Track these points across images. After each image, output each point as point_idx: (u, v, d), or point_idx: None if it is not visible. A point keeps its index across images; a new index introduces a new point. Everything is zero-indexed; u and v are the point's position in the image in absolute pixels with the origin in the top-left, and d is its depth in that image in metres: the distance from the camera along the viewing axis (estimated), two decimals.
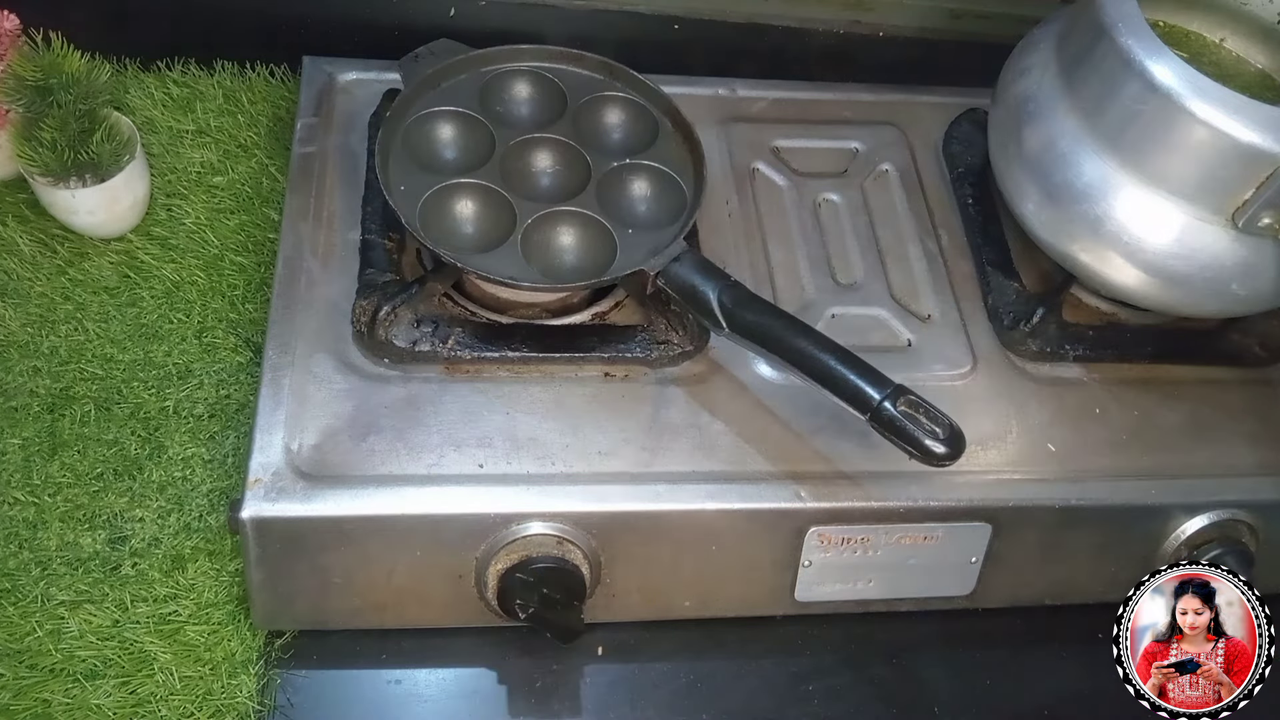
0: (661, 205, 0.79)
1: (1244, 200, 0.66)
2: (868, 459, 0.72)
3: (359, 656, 0.76)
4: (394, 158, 0.76)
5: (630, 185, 0.80)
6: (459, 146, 0.79)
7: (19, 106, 0.82)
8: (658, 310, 0.75)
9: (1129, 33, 0.67)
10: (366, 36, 0.96)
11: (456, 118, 0.80)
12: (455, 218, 0.76)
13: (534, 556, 0.67)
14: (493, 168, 0.77)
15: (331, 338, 0.73)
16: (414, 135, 0.78)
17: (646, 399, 0.73)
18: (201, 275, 0.88)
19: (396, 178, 0.75)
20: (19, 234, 0.88)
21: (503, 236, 0.74)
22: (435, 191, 0.75)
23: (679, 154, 0.80)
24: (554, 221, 0.76)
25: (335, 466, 0.67)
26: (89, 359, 0.83)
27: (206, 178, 0.93)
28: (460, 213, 0.76)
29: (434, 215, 0.75)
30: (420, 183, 0.75)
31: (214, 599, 0.74)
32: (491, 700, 0.76)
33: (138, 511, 0.77)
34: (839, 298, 0.81)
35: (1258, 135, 0.64)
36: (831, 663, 0.80)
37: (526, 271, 0.72)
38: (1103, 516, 0.74)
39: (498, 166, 0.77)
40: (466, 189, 0.76)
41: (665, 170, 0.79)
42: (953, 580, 0.75)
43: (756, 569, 0.73)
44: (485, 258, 0.73)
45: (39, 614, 0.72)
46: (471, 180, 0.76)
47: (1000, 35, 0.87)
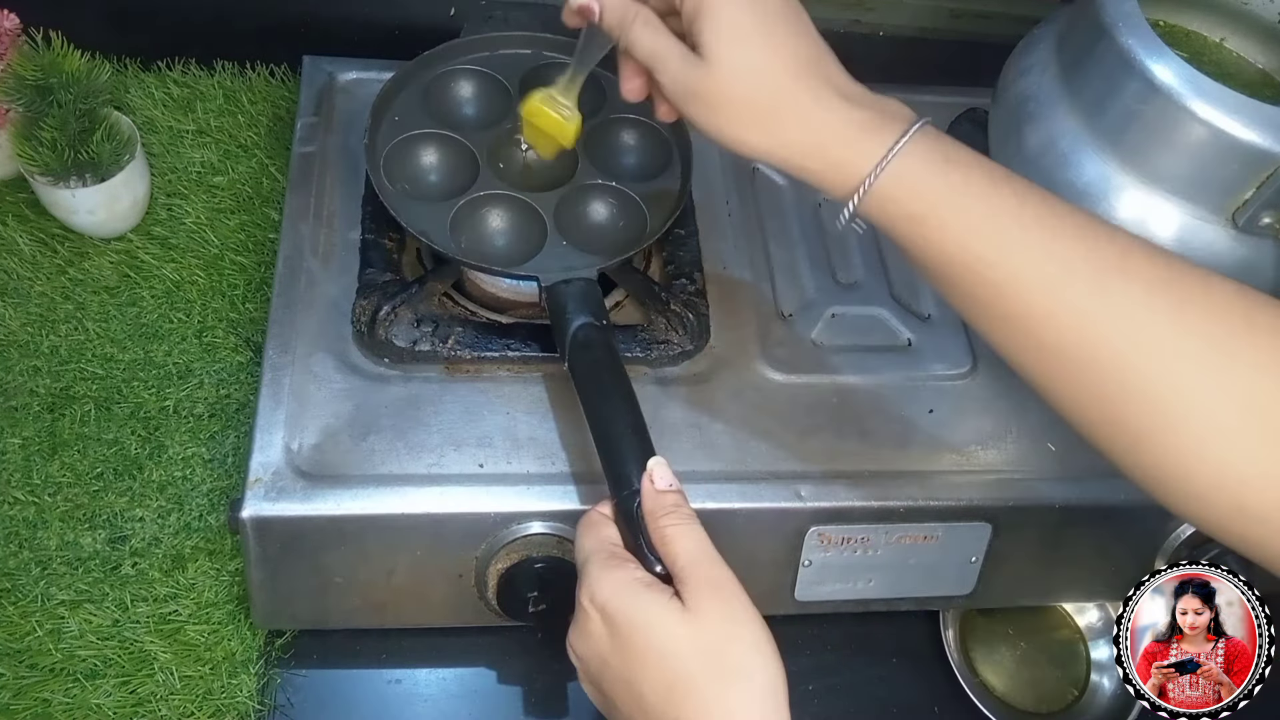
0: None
1: (1244, 200, 0.66)
2: (868, 459, 0.73)
3: (359, 656, 0.76)
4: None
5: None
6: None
7: (19, 106, 0.82)
8: (658, 310, 0.75)
9: (1129, 32, 0.67)
10: (366, 36, 0.96)
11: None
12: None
13: (534, 556, 0.67)
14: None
15: (332, 337, 0.73)
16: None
17: (646, 399, 0.73)
18: (202, 275, 0.88)
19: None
20: (19, 234, 0.88)
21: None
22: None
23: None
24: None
25: (335, 466, 0.67)
26: (89, 358, 0.83)
27: (207, 177, 0.93)
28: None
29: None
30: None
31: (214, 598, 0.74)
32: (491, 700, 0.76)
33: (138, 511, 0.77)
34: (839, 297, 0.81)
35: (1258, 135, 0.64)
36: (831, 663, 0.80)
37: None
38: (1103, 516, 0.74)
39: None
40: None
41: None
42: (953, 580, 0.75)
43: (756, 569, 0.72)
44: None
45: (39, 614, 0.72)
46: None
47: (1000, 35, 0.87)
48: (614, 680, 0.51)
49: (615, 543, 0.55)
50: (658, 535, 0.53)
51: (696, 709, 0.48)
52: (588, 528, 0.57)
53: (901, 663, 0.81)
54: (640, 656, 0.50)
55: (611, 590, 0.52)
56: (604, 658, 0.52)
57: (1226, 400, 0.47)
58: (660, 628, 0.50)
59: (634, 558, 0.54)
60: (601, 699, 0.53)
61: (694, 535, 0.53)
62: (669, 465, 0.56)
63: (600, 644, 0.52)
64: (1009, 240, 0.50)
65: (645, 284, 0.77)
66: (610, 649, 0.51)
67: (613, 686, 0.51)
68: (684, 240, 0.80)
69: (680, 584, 0.51)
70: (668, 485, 0.55)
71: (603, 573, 0.53)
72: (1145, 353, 0.48)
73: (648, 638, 0.50)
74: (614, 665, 0.51)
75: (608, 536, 0.56)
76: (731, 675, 0.49)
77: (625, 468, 0.57)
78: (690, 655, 0.49)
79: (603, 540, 0.55)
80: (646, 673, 0.50)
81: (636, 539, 0.55)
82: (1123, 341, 0.48)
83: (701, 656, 0.49)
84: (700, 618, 0.50)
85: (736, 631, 0.50)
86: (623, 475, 0.57)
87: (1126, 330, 0.48)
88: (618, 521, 0.57)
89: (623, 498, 0.57)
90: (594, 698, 0.54)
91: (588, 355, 0.65)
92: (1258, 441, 0.47)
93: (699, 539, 0.53)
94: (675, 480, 0.56)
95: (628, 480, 0.57)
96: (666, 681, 0.49)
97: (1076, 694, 0.81)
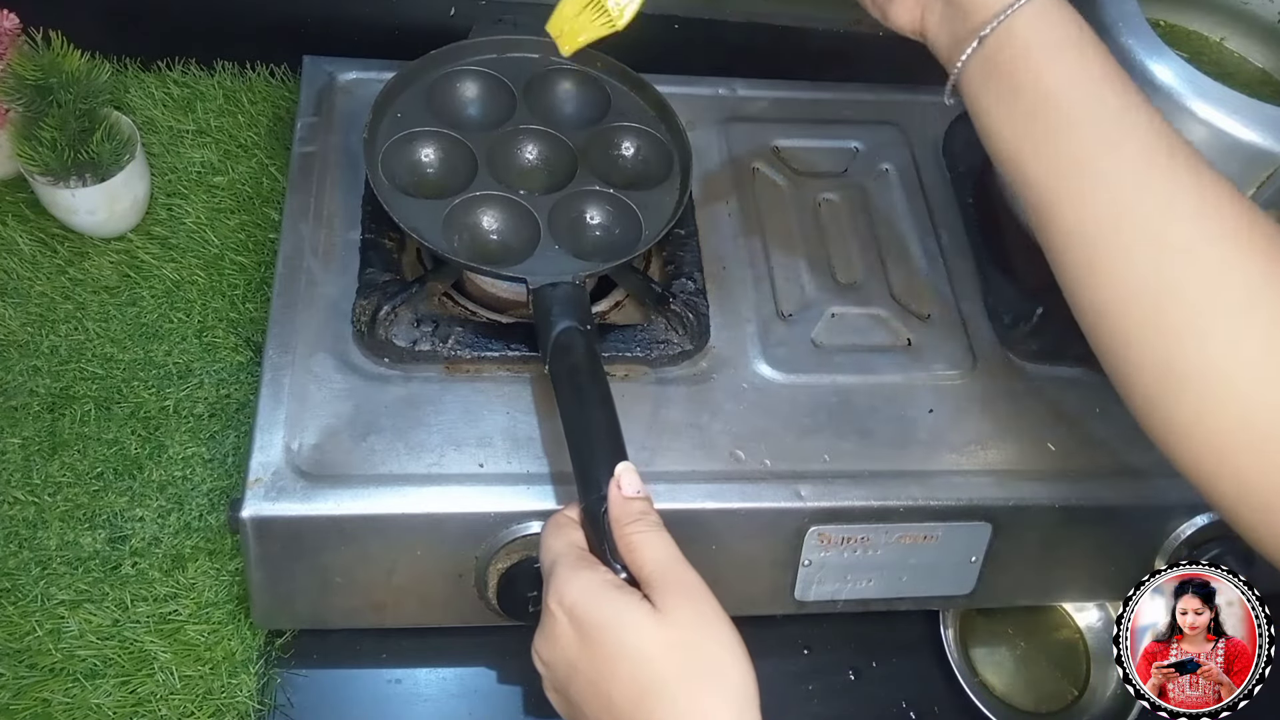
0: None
1: None
2: (868, 459, 0.73)
3: (359, 656, 0.76)
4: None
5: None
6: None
7: (19, 106, 0.82)
8: (658, 310, 0.75)
9: (1129, 32, 0.67)
10: (366, 36, 0.96)
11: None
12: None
13: (534, 556, 0.67)
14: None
15: (332, 337, 0.73)
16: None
17: (646, 399, 0.73)
18: (202, 275, 0.88)
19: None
20: (19, 233, 0.88)
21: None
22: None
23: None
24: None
25: (335, 466, 0.67)
26: (89, 358, 0.83)
27: (207, 177, 0.94)
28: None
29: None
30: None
31: (214, 598, 0.74)
32: (491, 700, 0.76)
33: (138, 511, 0.77)
34: (839, 297, 0.81)
35: (1258, 135, 0.64)
36: (831, 663, 0.80)
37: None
38: (1103, 516, 0.74)
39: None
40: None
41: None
42: (953, 580, 0.75)
43: (756, 568, 0.72)
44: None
45: (39, 614, 0.72)
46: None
47: None
48: (582, 685, 0.50)
49: (582, 546, 0.55)
50: (624, 542, 0.53)
51: (669, 711, 0.48)
52: (555, 530, 0.56)
53: (901, 663, 0.81)
54: (610, 659, 0.49)
55: (580, 592, 0.51)
56: (571, 662, 0.51)
57: (1253, 330, 0.47)
58: (631, 629, 0.49)
59: (601, 562, 0.54)
60: (567, 707, 0.52)
61: (660, 541, 0.53)
62: (637, 472, 0.56)
63: (568, 648, 0.51)
64: (1129, 98, 0.50)
65: (645, 284, 0.77)
66: (579, 652, 0.50)
67: (581, 692, 0.50)
68: (684, 240, 0.80)
69: (649, 588, 0.51)
70: (635, 492, 0.55)
71: (572, 574, 0.52)
72: (1185, 264, 0.48)
73: (619, 639, 0.49)
74: (582, 669, 0.50)
75: (575, 540, 0.55)
76: (704, 676, 0.48)
77: (594, 472, 0.57)
78: (662, 657, 0.49)
79: (570, 543, 0.55)
80: (617, 675, 0.49)
81: (602, 544, 0.54)
82: (1171, 231, 0.48)
83: (674, 658, 0.49)
84: (671, 619, 0.49)
85: (708, 633, 0.49)
86: (591, 480, 0.57)
87: (1174, 237, 0.48)
88: (584, 525, 0.57)
89: (590, 502, 0.56)
90: (559, 707, 0.53)
91: (567, 359, 0.65)
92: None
93: (666, 545, 0.52)
94: (643, 487, 0.56)
95: (596, 485, 0.56)
96: (638, 684, 0.48)
97: (1076, 694, 0.81)
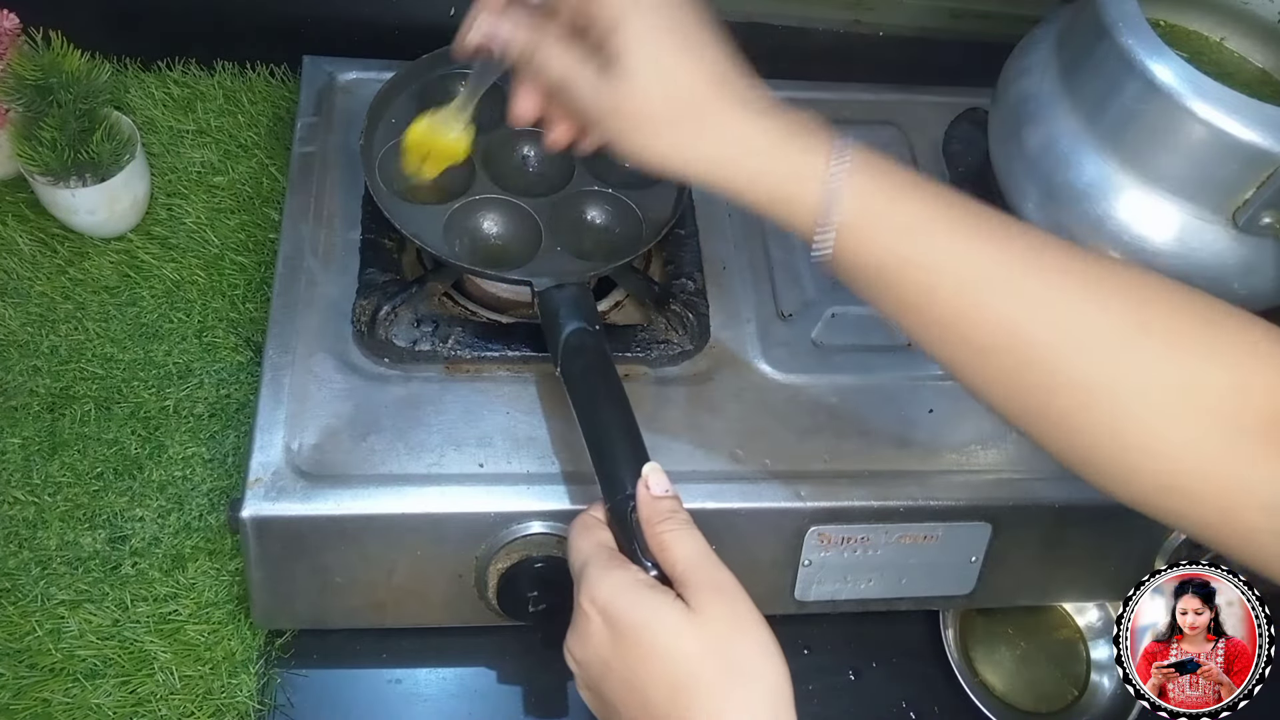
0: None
1: (1244, 200, 0.66)
2: (868, 459, 0.73)
3: (359, 656, 0.76)
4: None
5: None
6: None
7: (19, 106, 0.82)
8: (658, 310, 0.75)
9: (1129, 32, 0.67)
10: (366, 36, 0.96)
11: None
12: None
13: (534, 556, 0.67)
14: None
15: (332, 337, 0.73)
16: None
17: (646, 399, 0.73)
18: (202, 275, 0.88)
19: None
20: (19, 233, 0.88)
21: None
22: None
23: None
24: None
25: (335, 466, 0.67)
26: (89, 358, 0.83)
27: (207, 177, 0.94)
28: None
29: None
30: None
31: (214, 598, 0.74)
32: (491, 700, 0.76)
33: (138, 511, 0.77)
34: (839, 297, 0.81)
35: (1258, 135, 0.64)
36: (831, 663, 0.80)
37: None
38: (1103, 516, 0.74)
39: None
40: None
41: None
42: (953, 580, 0.75)
43: (756, 568, 0.72)
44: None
45: (39, 614, 0.72)
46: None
47: (1000, 35, 0.87)
48: (616, 683, 0.51)
49: (611, 545, 0.55)
50: (655, 541, 0.53)
51: (704, 710, 0.48)
52: (582, 530, 0.56)
53: (901, 663, 0.81)
54: (645, 658, 0.49)
55: (614, 591, 0.51)
56: (605, 660, 0.51)
57: (1147, 377, 0.49)
58: (665, 628, 0.49)
59: (631, 561, 0.54)
60: (601, 705, 0.53)
61: (692, 539, 0.53)
62: (664, 471, 0.56)
63: (601, 646, 0.51)
64: (936, 244, 0.51)
65: (645, 284, 0.77)
66: (612, 651, 0.51)
67: (614, 690, 0.51)
68: (684, 240, 0.80)
69: (682, 587, 0.51)
70: (664, 491, 0.55)
71: (604, 574, 0.52)
72: (1069, 341, 0.50)
73: (653, 638, 0.49)
74: (616, 668, 0.50)
75: (604, 539, 0.55)
76: (739, 676, 0.48)
77: (619, 472, 0.57)
78: (697, 656, 0.49)
79: (599, 543, 0.55)
80: (651, 674, 0.49)
81: (631, 544, 0.54)
82: (1047, 333, 0.50)
83: (708, 657, 0.49)
84: (706, 619, 0.49)
85: (742, 633, 0.49)
86: (616, 480, 0.57)
87: (1048, 321, 0.50)
88: (611, 525, 0.56)
89: (616, 502, 0.56)
90: (592, 704, 0.54)
91: (580, 360, 0.64)
92: (1179, 414, 0.48)
93: (698, 543, 0.52)
94: (671, 486, 0.56)
95: (621, 485, 0.56)
96: (672, 682, 0.49)
97: (1076, 694, 0.81)
